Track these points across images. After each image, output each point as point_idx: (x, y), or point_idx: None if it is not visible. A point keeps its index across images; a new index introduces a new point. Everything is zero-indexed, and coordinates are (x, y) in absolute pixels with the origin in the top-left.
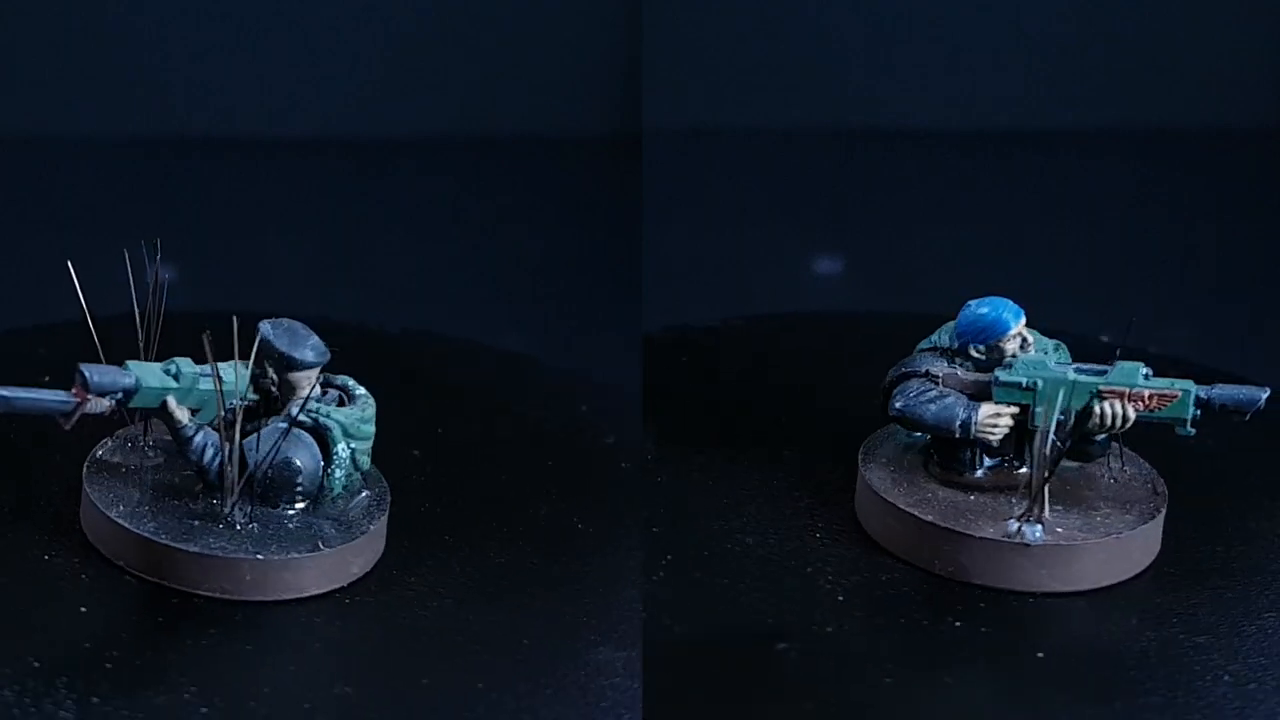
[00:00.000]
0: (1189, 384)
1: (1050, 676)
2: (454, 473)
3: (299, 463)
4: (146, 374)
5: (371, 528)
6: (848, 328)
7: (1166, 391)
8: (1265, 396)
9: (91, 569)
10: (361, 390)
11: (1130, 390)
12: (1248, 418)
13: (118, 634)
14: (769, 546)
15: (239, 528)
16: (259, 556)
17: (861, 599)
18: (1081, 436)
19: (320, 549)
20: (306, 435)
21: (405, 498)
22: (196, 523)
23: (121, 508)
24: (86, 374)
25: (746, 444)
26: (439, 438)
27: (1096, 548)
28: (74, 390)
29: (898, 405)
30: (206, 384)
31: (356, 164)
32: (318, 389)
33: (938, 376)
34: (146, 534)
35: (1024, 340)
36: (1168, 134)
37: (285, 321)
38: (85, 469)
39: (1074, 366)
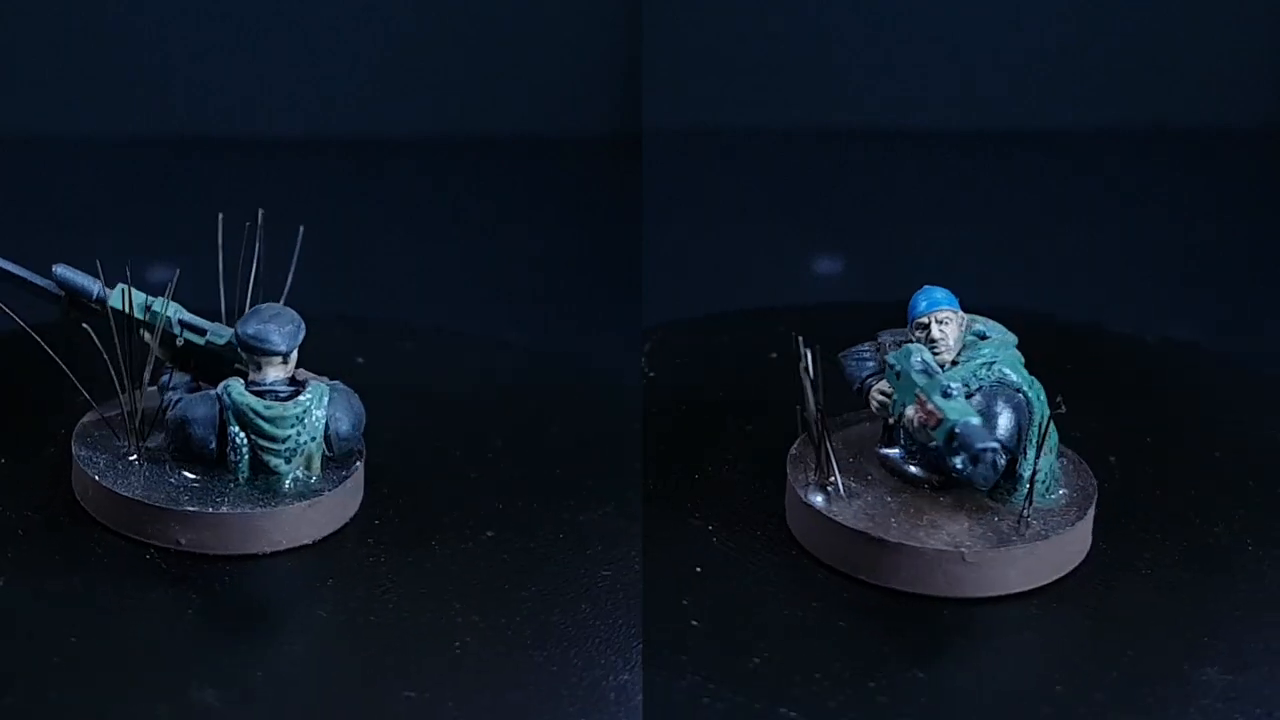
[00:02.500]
0: (968, 417)
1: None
2: (453, 469)
3: (191, 428)
4: (120, 299)
5: (211, 510)
6: (848, 323)
7: (934, 411)
8: (981, 448)
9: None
10: (306, 396)
11: (921, 399)
12: (976, 464)
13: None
14: (755, 548)
15: (130, 459)
16: (96, 478)
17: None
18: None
19: (142, 501)
20: (214, 408)
21: (402, 494)
22: (122, 446)
23: (89, 419)
24: (55, 268)
25: (744, 440)
26: (437, 435)
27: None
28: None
29: (840, 354)
30: (187, 335)
31: (356, 164)
32: (275, 374)
33: (880, 345)
34: (74, 441)
35: (927, 331)
36: (1168, 134)
37: (272, 307)
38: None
39: (925, 368)
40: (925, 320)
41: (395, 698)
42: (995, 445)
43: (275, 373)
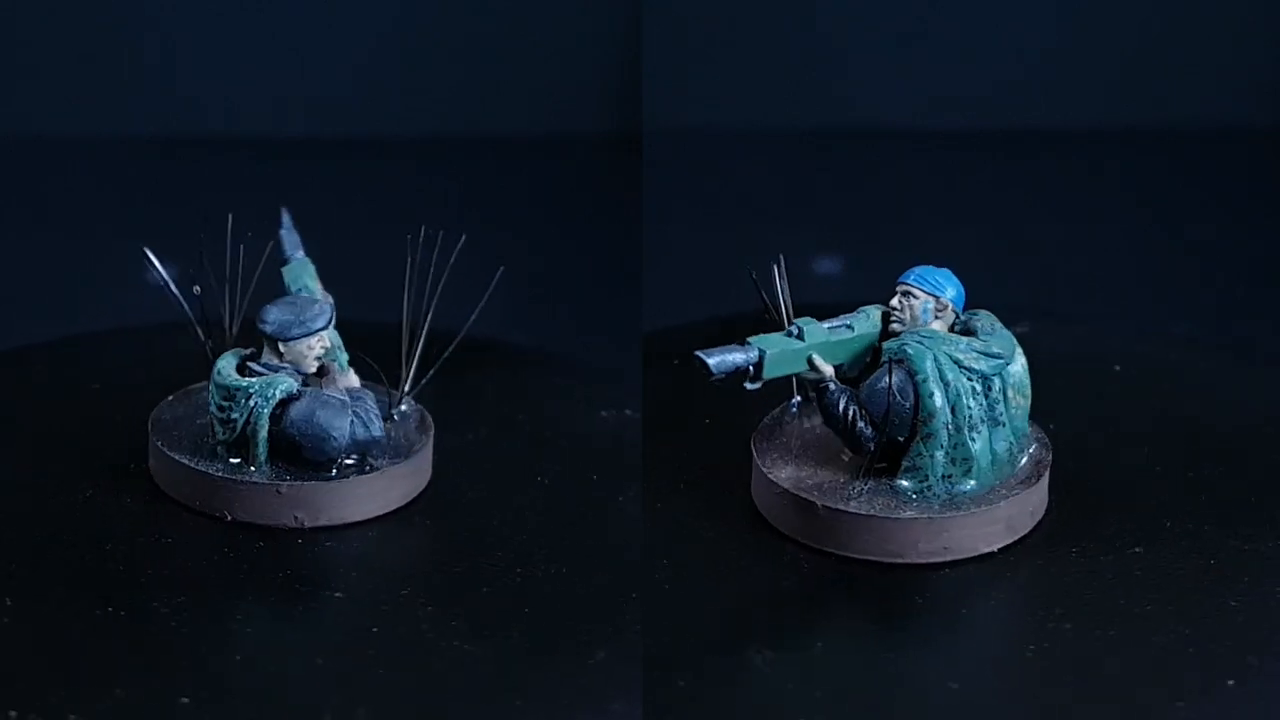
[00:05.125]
0: (757, 344)
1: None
2: (452, 466)
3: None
4: (297, 272)
5: (166, 450)
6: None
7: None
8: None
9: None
10: (249, 381)
11: None
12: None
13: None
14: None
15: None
16: (167, 408)
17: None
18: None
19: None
20: None
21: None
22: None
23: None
24: (282, 228)
25: (742, 436)
26: (437, 433)
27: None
28: None
29: None
30: None
31: (356, 164)
32: (267, 356)
33: None
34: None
35: (894, 297)
36: (1168, 134)
37: (300, 299)
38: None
39: (842, 321)
40: (897, 288)
41: None
42: (700, 355)
43: (267, 355)
